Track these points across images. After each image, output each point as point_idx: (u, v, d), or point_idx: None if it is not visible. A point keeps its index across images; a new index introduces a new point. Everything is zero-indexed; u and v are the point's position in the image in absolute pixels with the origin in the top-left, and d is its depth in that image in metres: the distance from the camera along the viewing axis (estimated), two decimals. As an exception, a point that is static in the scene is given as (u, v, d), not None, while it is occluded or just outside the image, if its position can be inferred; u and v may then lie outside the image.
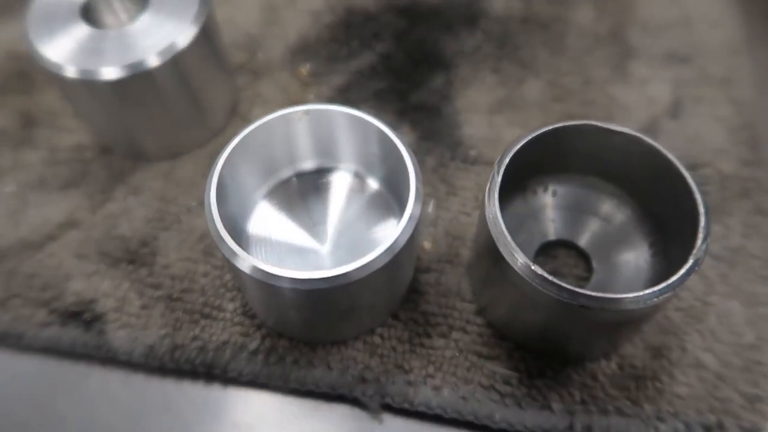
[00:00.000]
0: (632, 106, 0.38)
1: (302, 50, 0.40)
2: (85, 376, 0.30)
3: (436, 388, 0.29)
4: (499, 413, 0.28)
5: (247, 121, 0.37)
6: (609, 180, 0.31)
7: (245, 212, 0.30)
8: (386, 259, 0.25)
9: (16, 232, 0.33)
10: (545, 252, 0.33)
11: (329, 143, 0.31)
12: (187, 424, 0.29)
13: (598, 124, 0.28)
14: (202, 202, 0.28)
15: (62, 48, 0.31)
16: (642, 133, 0.32)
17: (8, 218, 0.34)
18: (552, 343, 0.29)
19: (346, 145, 0.31)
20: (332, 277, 0.24)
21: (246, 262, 0.25)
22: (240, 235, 0.30)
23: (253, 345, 0.30)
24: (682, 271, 0.24)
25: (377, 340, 0.30)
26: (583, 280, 0.32)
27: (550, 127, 0.28)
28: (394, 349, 0.30)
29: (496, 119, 0.37)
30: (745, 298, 0.30)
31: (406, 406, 0.29)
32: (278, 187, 0.31)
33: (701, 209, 0.26)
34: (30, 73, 0.39)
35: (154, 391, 0.30)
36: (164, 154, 0.36)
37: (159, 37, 0.32)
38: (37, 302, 0.31)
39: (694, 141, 0.36)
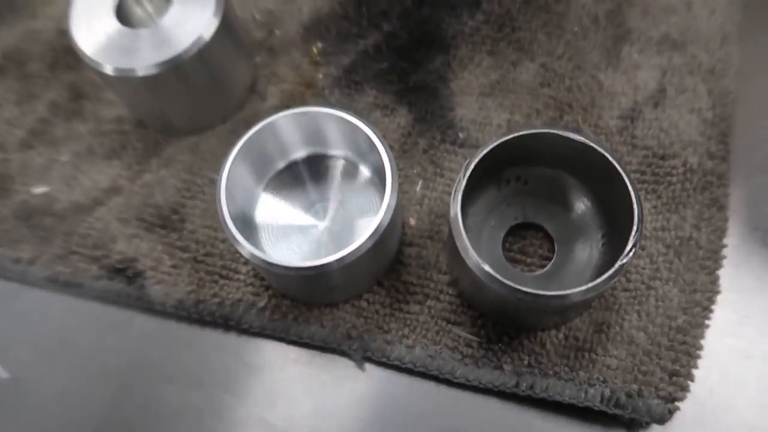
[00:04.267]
0: (617, 93, 0.40)
1: (315, 27, 0.44)
2: (130, 319, 0.38)
3: (409, 347, 0.35)
4: (460, 370, 0.34)
5: (263, 98, 0.42)
6: (573, 175, 0.35)
7: (251, 205, 0.36)
8: (367, 246, 0.30)
9: (70, 196, 0.40)
10: (515, 233, 0.37)
11: (321, 137, 0.35)
12: (208, 361, 0.37)
13: (559, 132, 0.32)
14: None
15: (101, 45, 0.35)
16: (620, 120, 0.36)
17: (64, 184, 0.40)
18: (508, 317, 0.34)
19: (337, 139, 0.35)
20: (318, 266, 0.30)
21: (246, 250, 0.30)
22: (249, 224, 0.35)
23: (261, 303, 0.36)
24: (606, 275, 0.29)
25: (363, 304, 0.36)
26: (545, 260, 0.36)
27: (516, 135, 0.32)
28: (377, 312, 0.36)
29: (487, 102, 0.41)
30: (684, 285, 0.35)
31: (383, 360, 0.35)
32: (274, 177, 0.36)
33: (635, 219, 0.30)
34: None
35: (183, 334, 0.37)
36: (191, 130, 0.41)
37: (185, 33, 0.36)
38: (91, 259, 0.38)
39: (668, 131, 0.38)
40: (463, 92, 0.41)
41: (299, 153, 0.36)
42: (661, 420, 0.32)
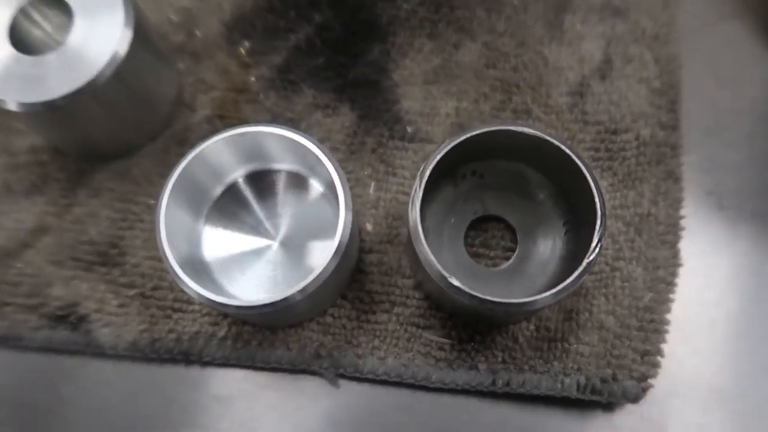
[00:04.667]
0: (564, 68, 0.39)
1: (238, 24, 0.40)
2: (82, 367, 0.35)
3: (381, 358, 0.34)
4: (435, 375, 0.34)
5: (193, 110, 0.39)
6: (531, 166, 0.34)
7: (195, 240, 0.33)
8: (330, 270, 0.29)
9: (-7, 241, 0.36)
10: (476, 226, 0.36)
11: (262, 153, 0.33)
12: (172, 400, 0.35)
13: (512, 128, 0.31)
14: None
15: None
16: (569, 97, 0.36)
17: (-17, 228, 0.37)
18: (478, 316, 0.34)
19: (280, 154, 0.33)
20: (279, 300, 0.28)
21: (196, 292, 0.28)
22: (198, 261, 0.33)
23: (221, 333, 0.34)
24: (574, 276, 0.28)
25: (329, 319, 0.35)
26: (509, 251, 0.36)
27: (469, 135, 0.30)
28: (344, 326, 0.35)
29: (432, 90, 0.39)
30: (647, 262, 0.35)
31: (356, 374, 0.34)
32: (214, 206, 0.34)
33: (598, 214, 0.29)
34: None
35: (142, 374, 0.35)
36: (118, 153, 0.37)
37: (96, 51, 0.31)
38: (27, 308, 0.35)
39: (618, 104, 0.38)
40: (407, 82, 0.39)
41: (238, 173, 0.34)
42: (636, 399, 0.33)
